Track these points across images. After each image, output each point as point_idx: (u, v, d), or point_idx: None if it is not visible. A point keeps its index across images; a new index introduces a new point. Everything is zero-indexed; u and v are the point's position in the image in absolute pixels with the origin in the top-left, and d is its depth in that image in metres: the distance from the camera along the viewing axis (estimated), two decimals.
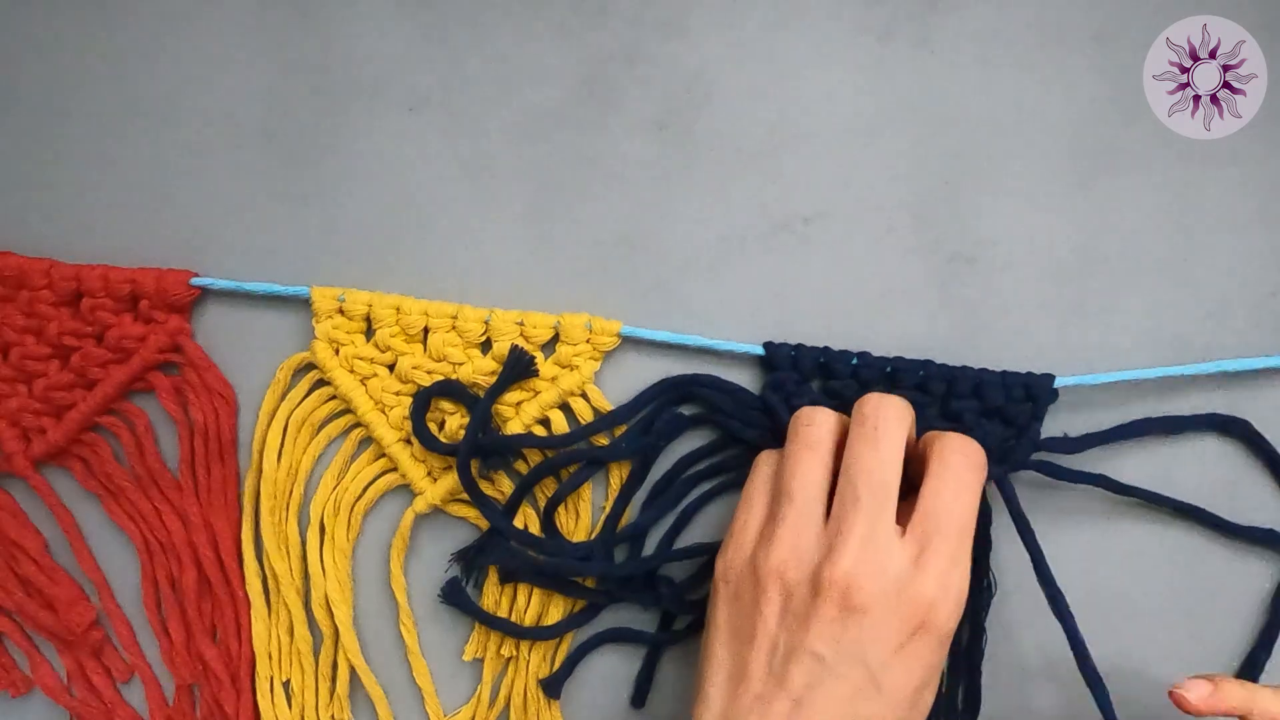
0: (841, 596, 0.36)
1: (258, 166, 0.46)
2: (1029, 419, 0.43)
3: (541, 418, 0.45)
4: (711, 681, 0.38)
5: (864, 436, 0.38)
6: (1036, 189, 0.44)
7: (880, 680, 0.36)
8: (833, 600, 0.36)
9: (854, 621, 0.36)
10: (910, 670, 0.36)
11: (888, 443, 0.38)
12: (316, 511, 0.46)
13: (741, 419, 0.44)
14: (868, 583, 0.36)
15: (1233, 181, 0.44)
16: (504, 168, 0.46)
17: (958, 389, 0.43)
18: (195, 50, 0.46)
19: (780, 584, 0.37)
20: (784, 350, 0.44)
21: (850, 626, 0.36)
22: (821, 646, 0.36)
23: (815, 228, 0.45)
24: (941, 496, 0.38)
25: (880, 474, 0.38)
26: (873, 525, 0.37)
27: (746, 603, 0.38)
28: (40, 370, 0.46)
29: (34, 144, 0.47)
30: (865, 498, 0.37)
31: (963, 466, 0.38)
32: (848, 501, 0.38)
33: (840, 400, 0.43)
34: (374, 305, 0.45)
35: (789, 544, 0.38)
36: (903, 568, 0.36)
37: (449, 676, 0.47)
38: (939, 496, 0.38)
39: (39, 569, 0.47)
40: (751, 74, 0.45)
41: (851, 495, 0.38)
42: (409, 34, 0.46)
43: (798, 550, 0.37)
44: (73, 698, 0.48)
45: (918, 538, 0.37)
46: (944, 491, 0.38)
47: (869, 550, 0.36)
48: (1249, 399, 0.44)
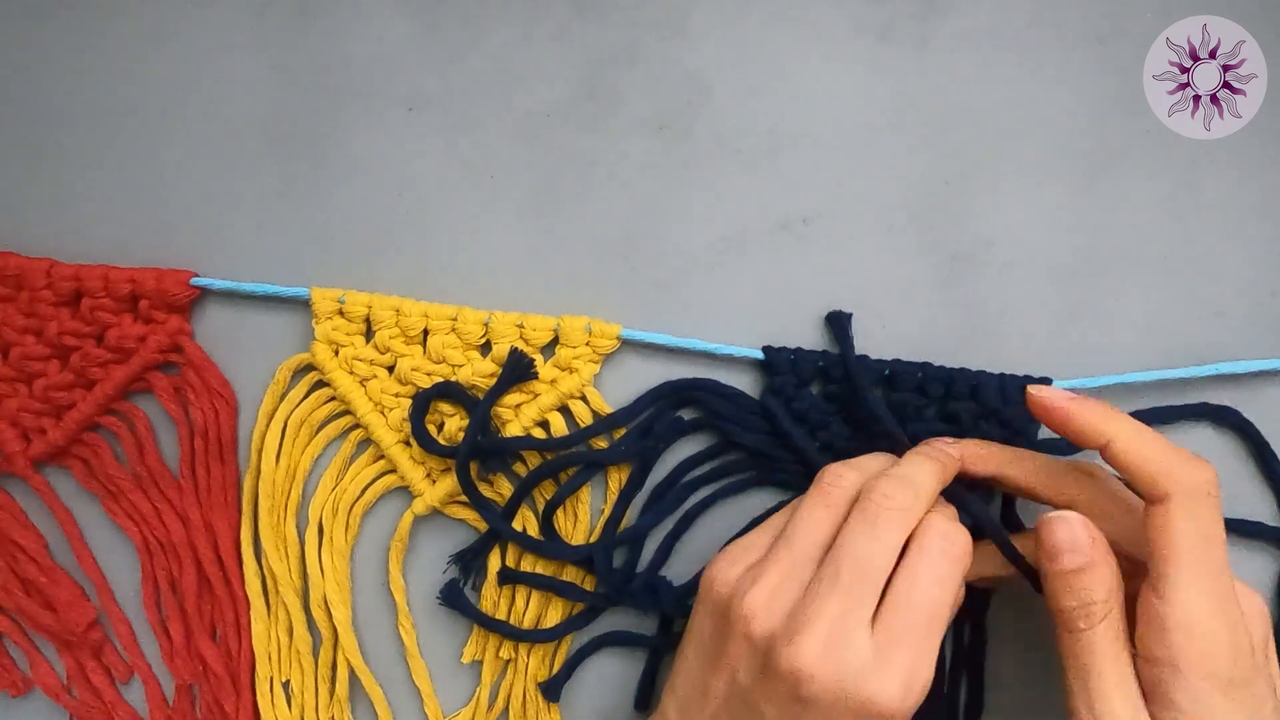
0: (793, 684, 0.35)
1: (258, 166, 0.46)
2: (1026, 421, 0.43)
3: (541, 420, 0.45)
4: (681, 680, 0.39)
5: (865, 518, 0.37)
6: (1036, 189, 0.44)
7: None
8: (785, 683, 0.35)
9: (802, 707, 0.35)
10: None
11: (885, 530, 0.36)
12: (315, 512, 0.46)
13: (741, 424, 0.44)
14: (823, 678, 0.34)
15: (1233, 181, 0.44)
16: (504, 168, 0.46)
17: (955, 391, 0.43)
18: (195, 50, 0.46)
19: (746, 631, 0.36)
20: (783, 355, 0.44)
21: (798, 709, 0.35)
22: (770, 711, 0.35)
23: (815, 228, 0.45)
24: (916, 587, 0.36)
25: (868, 564, 0.36)
26: (843, 613, 0.35)
27: (720, 628, 0.37)
28: (40, 370, 0.46)
29: (34, 144, 0.47)
30: (845, 584, 0.35)
31: (942, 555, 0.36)
32: (826, 581, 0.36)
33: (839, 404, 0.43)
34: (374, 307, 0.45)
35: (768, 591, 0.36)
36: (864, 664, 0.34)
37: (448, 678, 0.47)
38: (914, 585, 0.36)
39: (39, 569, 0.47)
40: (751, 74, 0.45)
41: (833, 574, 0.36)
42: (409, 34, 0.46)
43: (773, 602, 0.36)
44: (73, 698, 0.48)
45: (887, 628, 0.35)
46: (921, 581, 0.36)
47: (833, 641, 0.35)
48: (1249, 400, 0.44)
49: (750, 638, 0.36)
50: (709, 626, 0.38)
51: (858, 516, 0.37)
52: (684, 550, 0.45)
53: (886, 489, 0.37)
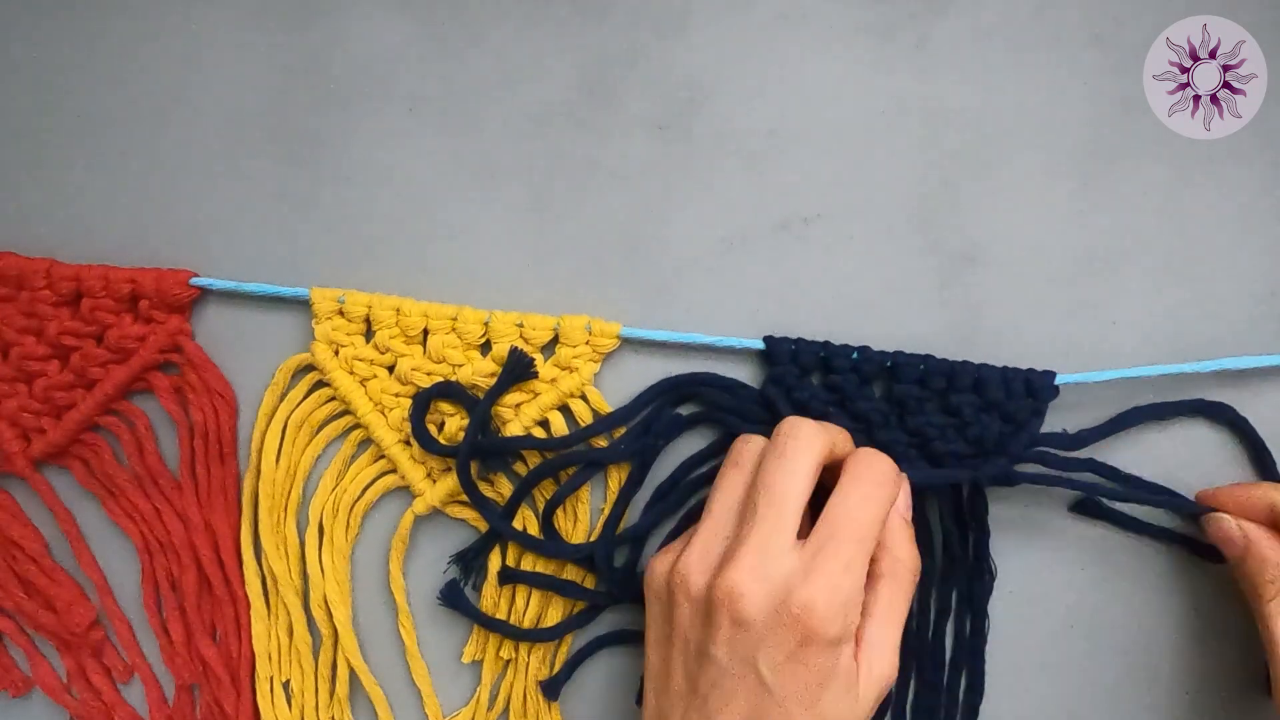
0: (730, 608, 0.36)
1: (258, 166, 0.46)
2: (1029, 414, 0.43)
3: (541, 419, 0.45)
4: (648, 684, 0.40)
5: (774, 451, 0.39)
6: (1036, 189, 0.44)
7: (770, 685, 0.36)
8: (723, 611, 0.37)
9: (742, 631, 0.36)
10: (800, 676, 0.36)
11: (794, 456, 0.39)
12: (315, 512, 0.46)
13: (742, 415, 0.44)
14: (752, 593, 0.36)
15: (1233, 181, 0.44)
16: (504, 168, 0.46)
17: (957, 383, 0.43)
18: (195, 50, 0.46)
19: (685, 591, 0.38)
20: (784, 345, 0.44)
21: (740, 635, 0.36)
22: (717, 651, 0.37)
23: (815, 228, 0.45)
24: (845, 504, 0.38)
25: (782, 485, 0.38)
26: (767, 535, 0.37)
27: (665, 607, 0.39)
28: (40, 370, 0.46)
29: (34, 144, 0.47)
30: (763, 507, 0.38)
31: (870, 479, 0.39)
32: (747, 512, 0.38)
33: (840, 394, 0.44)
34: (374, 307, 0.45)
35: (698, 553, 0.39)
36: (790, 575, 0.37)
37: (448, 678, 0.47)
38: (843, 504, 0.38)
39: (39, 569, 0.47)
40: (751, 74, 0.45)
41: (751, 506, 0.38)
42: (409, 34, 0.46)
43: (704, 559, 0.38)
44: (73, 698, 0.48)
45: (813, 543, 0.37)
46: (848, 500, 0.38)
47: (759, 559, 0.37)
48: (1250, 398, 0.44)
49: (690, 595, 0.38)
50: (656, 612, 0.40)
51: (769, 452, 0.39)
52: None
53: (788, 426, 0.40)
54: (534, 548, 0.44)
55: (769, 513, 0.38)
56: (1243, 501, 0.42)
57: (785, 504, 0.38)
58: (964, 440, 0.43)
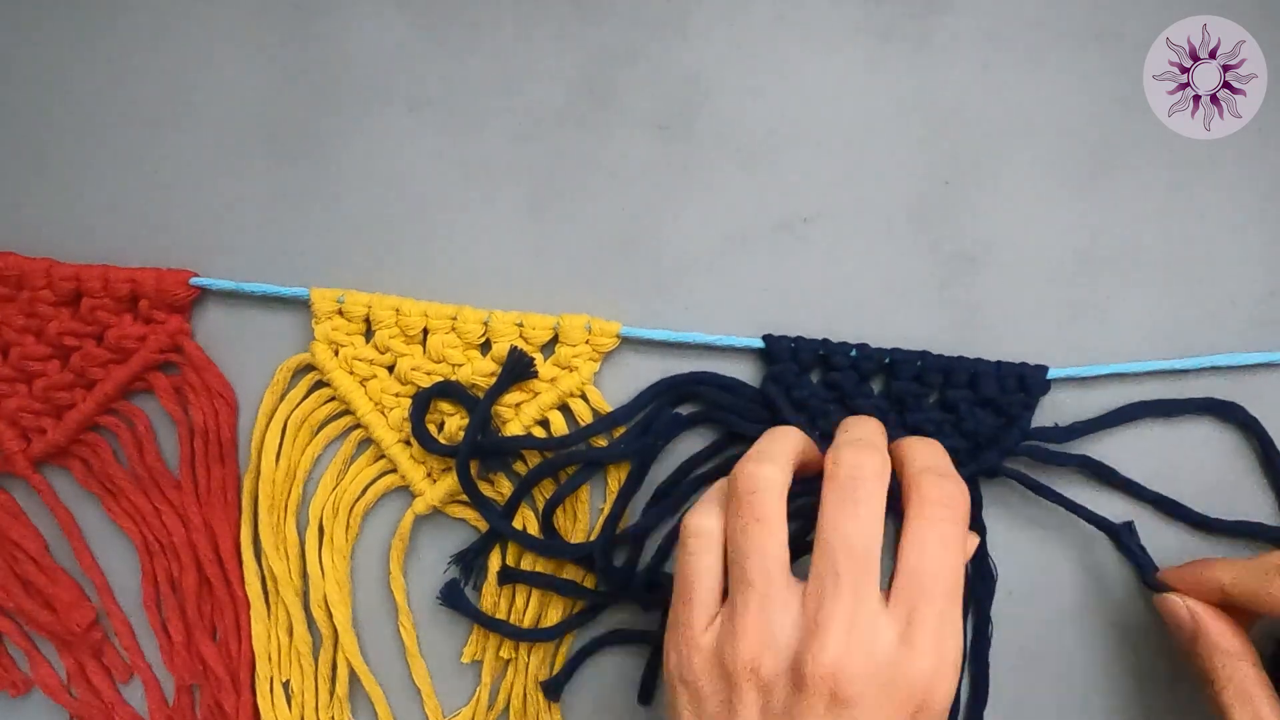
0: (830, 691, 0.32)
1: (258, 166, 0.46)
2: (1021, 409, 0.43)
3: (541, 419, 0.45)
4: None
5: (840, 498, 0.35)
6: (1036, 189, 0.44)
7: None
8: (820, 695, 0.32)
9: (844, 712, 0.32)
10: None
11: (867, 503, 0.34)
12: (315, 512, 0.46)
13: (741, 414, 0.44)
14: (857, 672, 0.32)
15: (1233, 181, 0.44)
16: (504, 168, 0.46)
17: (954, 380, 0.43)
18: (195, 50, 0.46)
19: (755, 680, 0.33)
20: (783, 343, 0.44)
21: (843, 713, 0.32)
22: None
23: (815, 227, 0.45)
24: (925, 554, 0.34)
25: (861, 542, 0.34)
26: (855, 604, 0.33)
27: (716, 704, 0.34)
28: (40, 370, 0.46)
29: (34, 144, 0.47)
30: (845, 574, 0.33)
31: (944, 517, 0.35)
32: (827, 579, 0.34)
33: (839, 392, 0.44)
34: (373, 306, 0.45)
35: (756, 634, 0.34)
36: (892, 646, 0.33)
37: (448, 678, 0.47)
38: (923, 554, 0.34)
39: (39, 569, 0.47)
40: (751, 74, 0.45)
41: (830, 571, 0.34)
42: (409, 34, 0.46)
43: (769, 640, 0.34)
44: (73, 698, 0.48)
45: (903, 604, 0.34)
46: (927, 547, 0.34)
47: (854, 634, 0.33)
48: (1250, 397, 0.44)
49: (764, 684, 0.33)
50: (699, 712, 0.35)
51: (834, 498, 0.35)
52: None
53: (854, 460, 0.35)
54: (534, 547, 0.44)
55: (853, 578, 0.33)
56: (1193, 582, 0.40)
57: (868, 561, 0.34)
58: (960, 435, 0.43)
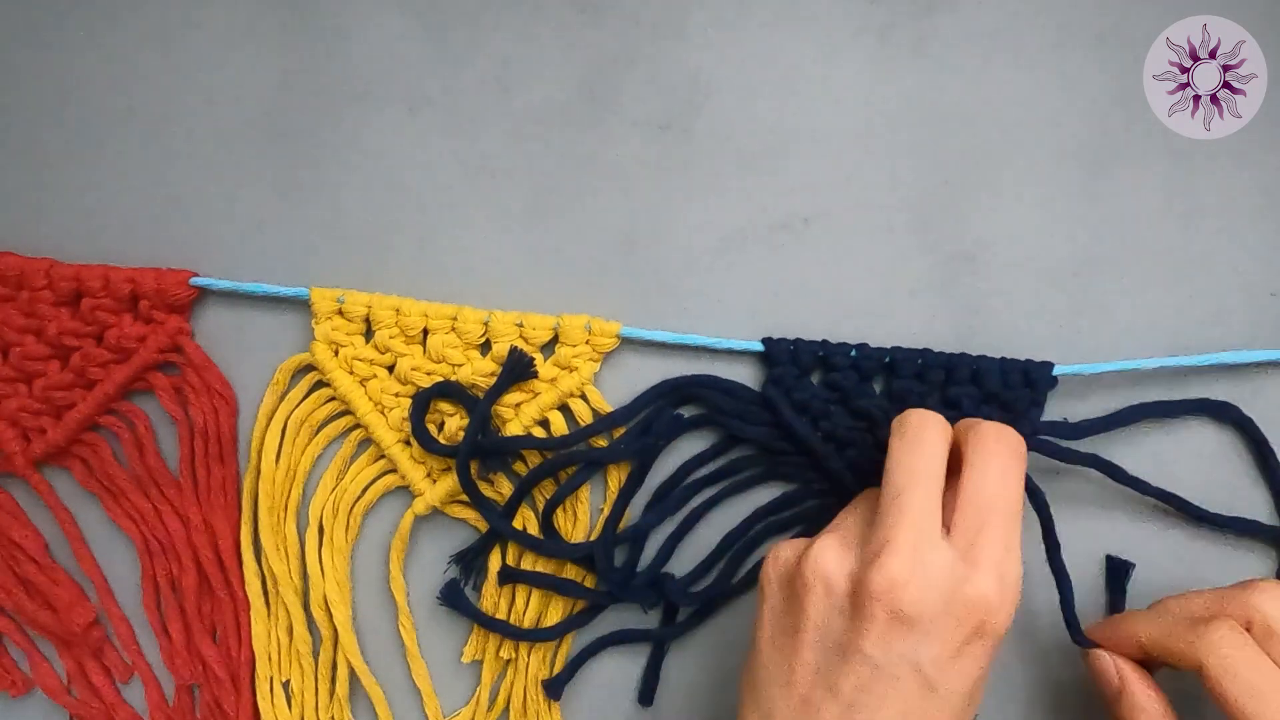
0: (889, 602, 0.34)
1: (258, 166, 0.46)
2: (1028, 404, 0.43)
3: (541, 419, 0.45)
4: (757, 681, 0.37)
5: (904, 443, 0.37)
6: (1036, 189, 0.44)
7: (935, 683, 0.34)
8: (881, 604, 0.34)
9: (905, 629, 0.34)
10: (967, 672, 0.34)
11: (929, 441, 0.37)
12: (315, 512, 0.46)
13: (742, 417, 0.44)
14: (917, 590, 0.34)
15: (1233, 181, 0.44)
16: (504, 168, 0.46)
17: (956, 376, 0.43)
18: (195, 50, 0.46)
19: (824, 582, 0.35)
20: (783, 345, 0.44)
21: (901, 633, 0.34)
22: (872, 649, 0.34)
23: (815, 227, 0.45)
24: (986, 481, 0.36)
25: (924, 471, 0.36)
26: (917, 526, 0.35)
27: (792, 601, 0.37)
28: (40, 370, 0.46)
29: (34, 144, 0.47)
30: (907, 492, 0.36)
31: (1003, 451, 0.37)
32: (889, 499, 0.36)
33: (841, 392, 0.44)
34: (373, 306, 0.45)
35: (835, 544, 0.36)
36: (952, 568, 0.34)
37: (448, 678, 0.47)
38: (983, 482, 0.36)
39: (39, 569, 0.47)
40: (751, 74, 0.45)
41: (893, 493, 0.36)
42: (409, 34, 0.46)
43: (843, 550, 0.36)
44: (73, 698, 0.48)
45: (965, 530, 0.35)
46: (987, 476, 0.36)
47: (916, 552, 0.34)
48: (1250, 395, 0.44)
49: (831, 589, 0.35)
50: (778, 604, 0.37)
51: (899, 443, 0.37)
52: (687, 549, 0.45)
53: (919, 418, 0.38)
54: (534, 547, 0.44)
55: (915, 496, 0.35)
56: (1114, 637, 0.39)
57: (930, 484, 0.36)
58: None
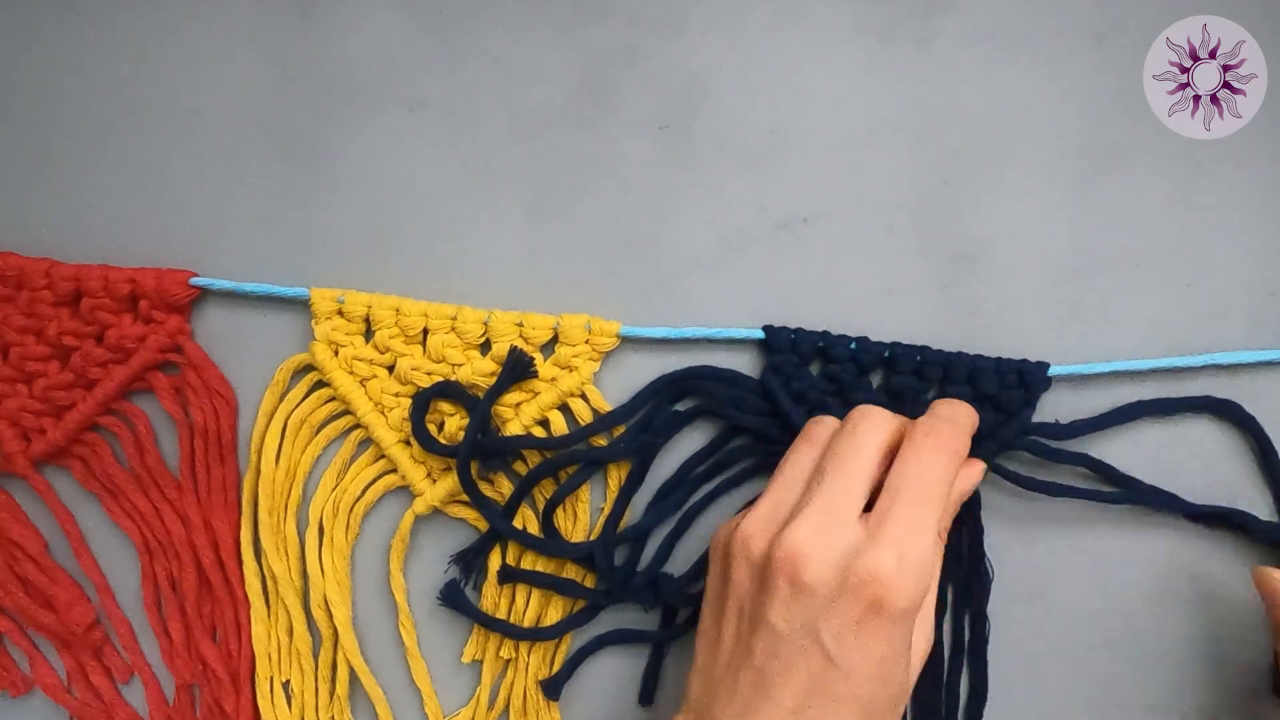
0: (790, 571, 0.35)
1: (258, 166, 0.46)
2: (1021, 404, 0.43)
3: (541, 419, 0.45)
4: (699, 647, 0.39)
5: (845, 431, 0.39)
6: (1036, 189, 0.44)
7: (835, 656, 0.35)
8: (783, 574, 0.35)
9: (804, 597, 0.35)
10: (868, 647, 0.35)
11: (863, 431, 0.38)
12: (315, 512, 0.46)
13: (740, 405, 0.44)
14: (814, 557, 0.35)
15: (1233, 181, 0.44)
16: (504, 168, 0.46)
17: (953, 375, 0.43)
18: (195, 50, 0.46)
19: (745, 553, 0.37)
20: (783, 334, 0.44)
21: (800, 601, 0.35)
22: (776, 618, 0.35)
23: (815, 227, 0.45)
24: (906, 467, 0.37)
25: (850, 453, 0.38)
26: (832, 501, 0.36)
27: (723, 570, 0.38)
28: (40, 370, 0.46)
29: (34, 144, 0.47)
30: (830, 474, 0.37)
31: (930, 444, 0.38)
32: (814, 480, 0.38)
33: (839, 384, 0.44)
34: (373, 306, 0.45)
35: (761, 515, 0.38)
36: (854, 542, 0.35)
37: (448, 678, 0.47)
38: (903, 468, 0.37)
39: (39, 569, 0.47)
40: (751, 74, 0.45)
41: (818, 475, 0.38)
42: (409, 34, 0.46)
43: (767, 522, 0.37)
44: (73, 698, 0.48)
45: (878, 511, 0.36)
46: (910, 461, 0.37)
47: (821, 524, 0.36)
48: (1249, 396, 0.44)
49: (749, 557, 0.37)
50: (716, 575, 0.39)
51: (839, 434, 0.39)
52: (686, 547, 0.45)
53: (860, 410, 0.39)
54: (534, 547, 0.44)
55: (835, 480, 0.37)
56: None
57: (853, 473, 0.37)
58: None
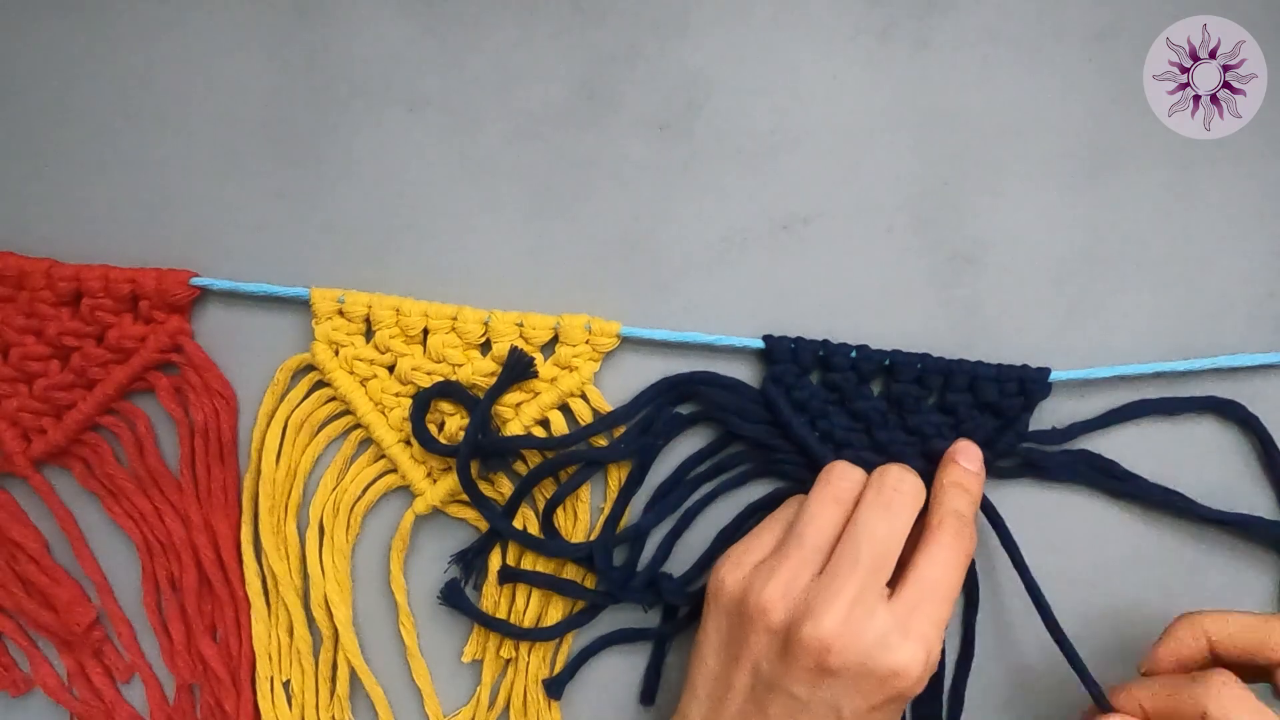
0: (818, 656, 0.37)
1: (258, 166, 0.46)
2: (1019, 411, 0.43)
3: (541, 419, 0.45)
4: (701, 681, 0.40)
5: (880, 503, 0.40)
6: (1036, 189, 0.44)
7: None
8: (810, 656, 0.37)
9: (829, 679, 0.37)
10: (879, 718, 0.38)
11: (900, 515, 0.39)
12: (316, 512, 0.46)
13: (741, 414, 0.44)
14: (845, 648, 0.37)
15: (1233, 181, 0.44)
16: (504, 168, 0.46)
17: (954, 382, 0.43)
18: (195, 50, 0.46)
19: (765, 622, 0.38)
20: (784, 343, 0.44)
21: (825, 681, 0.37)
22: (799, 689, 0.37)
23: (815, 228, 0.45)
24: (934, 565, 0.39)
25: (885, 543, 0.39)
26: (863, 590, 0.37)
27: (736, 626, 0.39)
28: (40, 370, 0.46)
29: (34, 144, 0.47)
30: (865, 562, 0.38)
31: (956, 539, 0.39)
32: (846, 561, 0.38)
33: (839, 393, 0.44)
34: (374, 306, 0.45)
35: (783, 584, 0.38)
36: (884, 633, 0.37)
37: (449, 677, 0.47)
38: (933, 565, 0.39)
39: (39, 569, 0.47)
40: (751, 74, 0.45)
41: (851, 556, 0.38)
42: (409, 34, 0.46)
43: (789, 593, 0.38)
44: (73, 698, 0.48)
45: (906, 601, 0.38)
46: (936, 561, 0.39)
47: (854, 614, 0.37)
48: (1250, 397, 0.44)
49: (770, 628, 0.38)
50: (725, 626, 0.40)
51: (874, 501, 0.40)
52: (685, 547, 0.45)
53: (898, 476, 0.40)
54: (534, 547, 0.44)
55: (870, 569, 0.38)
56: None
57: (886, 561, 0.38)
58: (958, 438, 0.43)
